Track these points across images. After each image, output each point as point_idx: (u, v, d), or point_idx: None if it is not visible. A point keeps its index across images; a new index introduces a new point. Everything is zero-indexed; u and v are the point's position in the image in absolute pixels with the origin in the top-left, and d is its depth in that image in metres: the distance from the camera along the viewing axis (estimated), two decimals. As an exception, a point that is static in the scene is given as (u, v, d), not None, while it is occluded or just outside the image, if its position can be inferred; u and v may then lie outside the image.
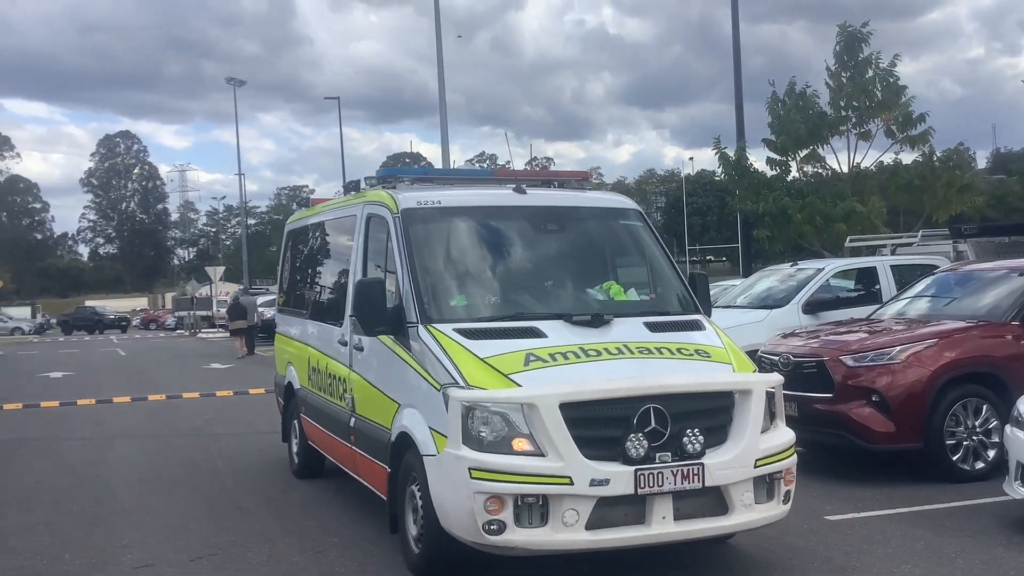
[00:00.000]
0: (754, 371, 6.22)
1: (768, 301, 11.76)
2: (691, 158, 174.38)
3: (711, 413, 5.70)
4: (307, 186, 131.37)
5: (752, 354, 10.61)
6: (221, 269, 52.83)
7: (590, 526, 5.30)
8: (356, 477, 7.48)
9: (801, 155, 18.16)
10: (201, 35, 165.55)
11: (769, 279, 12.62)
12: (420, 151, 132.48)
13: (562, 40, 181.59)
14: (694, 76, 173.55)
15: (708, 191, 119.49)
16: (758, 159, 18.80)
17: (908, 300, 10.21)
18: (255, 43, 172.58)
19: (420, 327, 6.06)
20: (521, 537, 5.26)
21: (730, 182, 18.77)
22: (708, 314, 6.87)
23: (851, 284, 12.40)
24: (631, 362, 5.81)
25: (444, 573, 5.96)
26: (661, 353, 5.95)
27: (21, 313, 71.12)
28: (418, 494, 5.87)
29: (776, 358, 9.28)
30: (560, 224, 7.12)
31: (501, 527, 5.24)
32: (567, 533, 5.27)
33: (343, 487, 8.39)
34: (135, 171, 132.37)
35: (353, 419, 7.26)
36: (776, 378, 6.27)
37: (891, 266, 11.95)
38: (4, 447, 12.25)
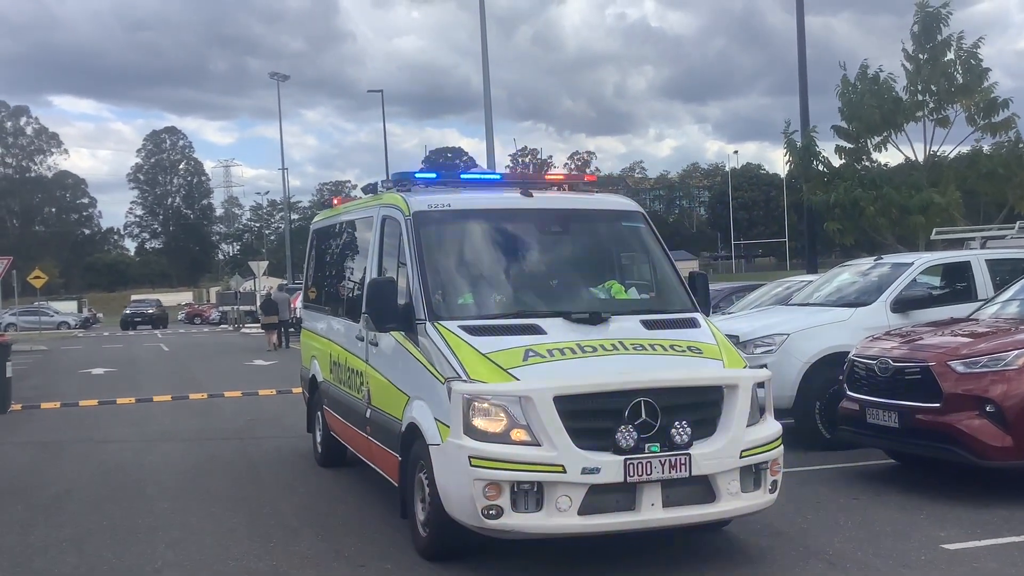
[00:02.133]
0: (744, 367, 6.44)
1: (850, 299, 10.80)
2: (735, 152, 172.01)
3: (699, 406, 6.00)
4: (349, 181, 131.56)
5: (837, 357, 9.86)
6: (265, 264, 52.60)
7: (582, 511, 5.62)
8: (372, 465, 7.92)
9: (873, 143, 17.09)
10: (246, 32, 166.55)
11: (848, 275, 11.64)
12: (461, 146, 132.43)
13: (604, 34, 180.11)
14: (737, 69, 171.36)
15: (754, 185, 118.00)
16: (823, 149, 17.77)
17: (1015, 298, 9.23)
18: (299, 39, 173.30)
19: (428, 324, 6.42)
20: (517, 521, 5.60)
21: (798, 172, 17.74)
22: (707, 313, 7.16)
23: (937, 281, 11.42)
24: (625, 358, 6.10)
25: (448, 555, 6.28)
26: (654, 349, 6.25)
27: (68, 307, 71.39)
28: (425, 481, 6.21)
29: (872, 363, 8.37)
30: (564, 226, 7.46)
31: (499, 512, 5.58)
32: (561, 518, 5.60)
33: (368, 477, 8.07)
34: (181, 167, 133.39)
35: (369, 411, 7.65)
36: (764, 373, 6.55)
37: (986, 260, 10.91)
38: (39, 450, 11.68)
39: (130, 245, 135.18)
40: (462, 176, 8.17)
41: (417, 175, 7.91)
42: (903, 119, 16.83)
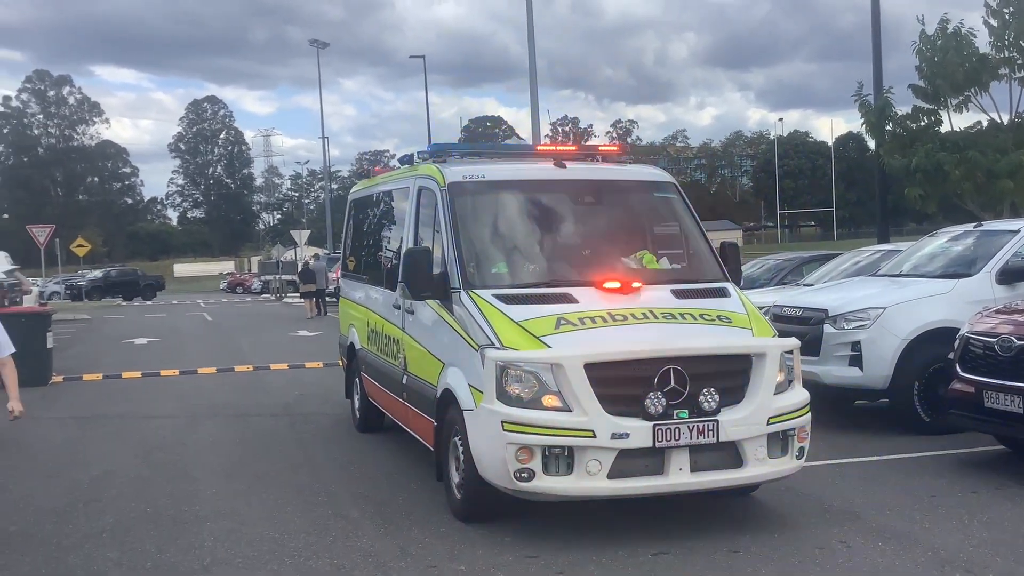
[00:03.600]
0: (773, 336, 6.53)
1: (949, 269, 9.87)
2: (780, 119, 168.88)
3: (727, 374, 6.12)
4: (388, 151, 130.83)
5: (938, 333, 8.99)
6: (306, 233, 52.28)
7: (612, 475, 5.78)
8: (409, 431, 8.07)
9: (953, 103, 16.00)
10: (285, 1, 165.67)
11: (943, 243, 10.70)
12: (500, 114, 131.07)
13: (644, 0, 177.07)
14: (781, 35, 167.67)
15: (800, 153, 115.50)
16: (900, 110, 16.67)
17: None
18: (338, 7, 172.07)
19: (462, 292, 6.57)
20: (548, 484, 5.77)
21: (873, 135, 16.69)
22: (737, 283, 7.26)
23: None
24: (654, 326, 6.24)
25: (482, 516, 6.43)
26: (684, 318, 6.37)
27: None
28: (459, 445, 6.37)
29: (992, 340, 7.49)
30: (597, 197, 7.59)
31: (531, 475, 5.75)
32: (590, 481, 5.76)
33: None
34: (221, 136, 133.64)
35: (405, 377, 7.83)
36: (792, 342, 6.59)
37: (1099, 228, 9.92)
38: (79, 426, 11.14)
39: (172, 215, 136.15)
40: (497, 147, 8.61)
41: (452, 146, 8.04)
42: (988, 77, 15.71)
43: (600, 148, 8.46)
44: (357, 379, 9.97)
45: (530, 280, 6.81)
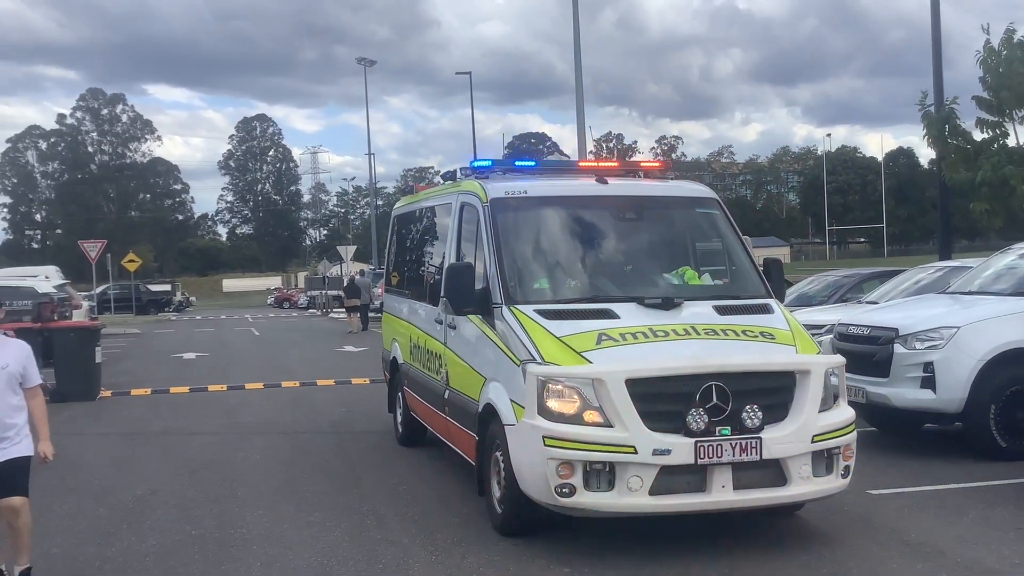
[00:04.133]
0: (818, 352, 6.47)
1: (1024, 287, 9.41)
2: (828, 135, 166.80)
3: (771, 391, 6.03)
4: (432, 167, 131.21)
5: (1017, 354, 8.50)
6: (353, 248, 52.33)
7: (653, 492, 5.71)
8: (450, 445, 8.10)
9: (1020, 115, 15.41)
10: (334, 21, 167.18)
11: (1015, 260, 10.19)
12: (544, 131, 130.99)
13: (689, 17, 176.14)
14: (829, 51, 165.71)
15: (849, 168, 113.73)
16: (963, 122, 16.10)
17: None
18: (385, 27, 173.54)
19: (504, 308, 6.57)
20: (589, 500, 5.72)
21: (936, 148, 16.12)
22: (781, 299, 7.16)
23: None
24: (696, 343, 6.18)
25: (523, 531, 6.39)
26: (726, 335, 6.30)
27: (162, 291, 72.41)
28: (501, 460, 6.35)
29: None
30: (639, 212, 7.54)
31: (572, 490, 5.71)
32: (632, 498, 5.69)
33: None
34: (270, 154, 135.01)
35: (447, 392, 7.82)
36: (838, 359, 6.57)
37: None
38: (126, 442, 11.02)
39: (222, 230, 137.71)
40: (539, 163, 8.40)
41: (494, 162, 8.05)
42: (1056, 89, 15.09)
43: (642, 164, 8.45)
44: (399, 393, 10.00)
45: (572, 296, 6.80)
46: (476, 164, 8.06)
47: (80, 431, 11.85)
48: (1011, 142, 15.52)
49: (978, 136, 15.78)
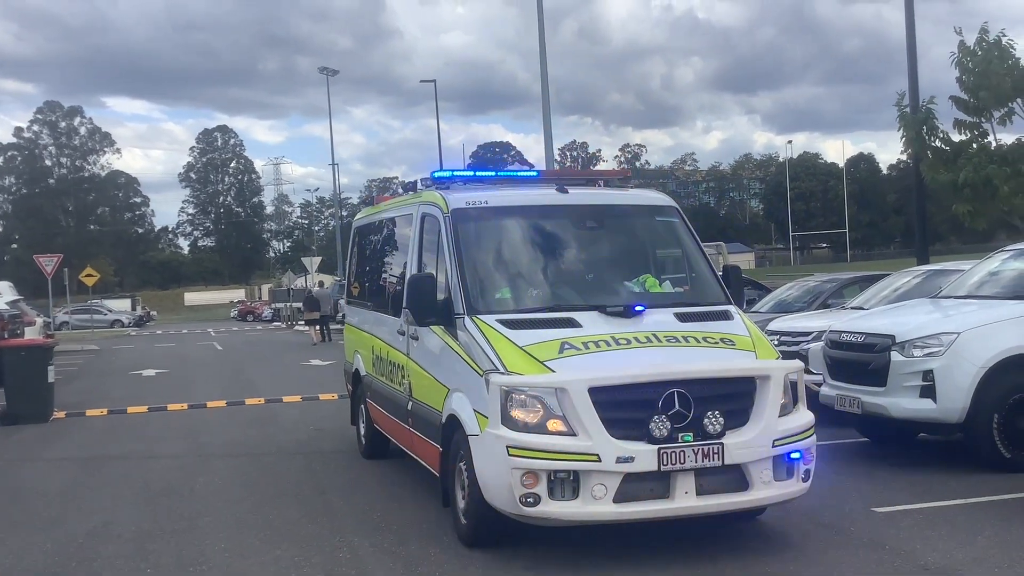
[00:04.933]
0: (777, 358, 6.51)
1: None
2: (790, 142, 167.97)
3: (732, 397, 6.05)
4: (396, 177, 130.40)
5: (1021, 360, 8.15)
6: (318, 260, 51.60)
7: (617, 499, 5.70)
8: (414, 456, 8.05)
9: (997, 116, 15.18)
10: (295, 31, 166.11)
11: (1009, 261, 9.87)
12: (508, 140, 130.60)
13: (650, 26, 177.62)
14: (787, 59, 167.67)
15: (812, 175, 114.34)
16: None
17: None
18: (347, 37, 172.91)
19: (466, 318, 6.53)
20: (554, 509, 5.72)
21: (914, 150, 15.85)
22: (740, 305, 7.24)
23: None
24: (658, 350, 6.21)
25: (488, 542, 6.36)
26: (687, 341, 6.34)
27: (121, 305, 71.10)
28: (465, 471, 6.32)
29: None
30: (599, 221, 7.57)
31: (536, 500, 5.71)
32: (596, 506, 5.69)
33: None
34: (231, 165, 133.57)
35: (410, 403, 7.80)
36: (797, 364, 6.52)
37: None
38: (79, 468, 10.34)
39: (183, 243, 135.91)
40: (499, 174, 8.47)
41: (455, 173, 8.02)
42: (1035, 87, 14.86)
43: (602, 173, 8.50)
44: (362, 406, 9.93)
45: (534, 305, 6.80)
46: (437, 175, 8.00)
47: (30, 456, 11.15)
48: (991, 142, 15.28)
49: (956, 137, 15.53)
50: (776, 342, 11.50)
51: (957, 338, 8.28)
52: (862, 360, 8.83)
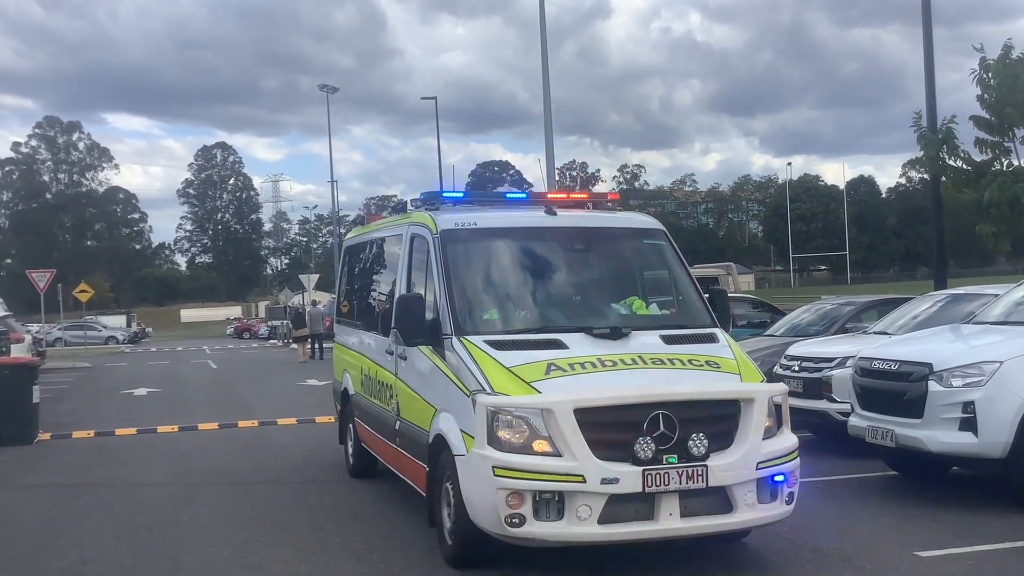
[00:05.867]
0: (761, 381, 6.55)
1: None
2: (789, 164, 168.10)
3: (716, 419, 6.08)
4: (395, 196, 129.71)
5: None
6: (315, 277, 51.08)
7: (602, 520, 5.70)
8: (401, 476, 8.05)
9: (1020, 134, 14.68)
10: (296, 50, 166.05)
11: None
12: (508, 159, 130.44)
13: (648, 48, 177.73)
14: (786, 82, 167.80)
15: (812, 197, 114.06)
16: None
17: None
18: (347, 57, 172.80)
19: (454, 338, 6.55)
20: (539, 529, 5.71)
21: (933, 169, 15.34)
22: (726, 328, 7.22)
23: None
24: (644, 372, 6.22)
25: (474, 562, 6.34)
26: (673, 364, 6.36)
27: (116, 322, 70.38)
28: (451, 491, 6.31)
29: None
30: (587, 243, 7.61)
31: (521, 520, 5.69)
32: (581, 527, 5.69)
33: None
34: (230, 182, 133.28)
35: (398, 422, 7.83)
36: (781, 387, 6.62)
37: None
38: (60, 496, 9.75)
39: (180, 260, 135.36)
40: (487, 195, 8.51)
41: (444, 194, 8.06)
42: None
43: (591, 195, 8.47)
44: (351, 424, 9.94)
45: (521, 326, 6.81)
46: (426, 195, 8.11)
47: (8, 482, 10.56)
48: (1014, 162, 14.77)
49: (977, 157, 15.03)
50: (797, 368, 11.00)
51: (1000, 367, 7.73)
52: (896, 390, 8.27)
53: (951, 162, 15.07)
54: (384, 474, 9.00)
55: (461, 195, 8.29)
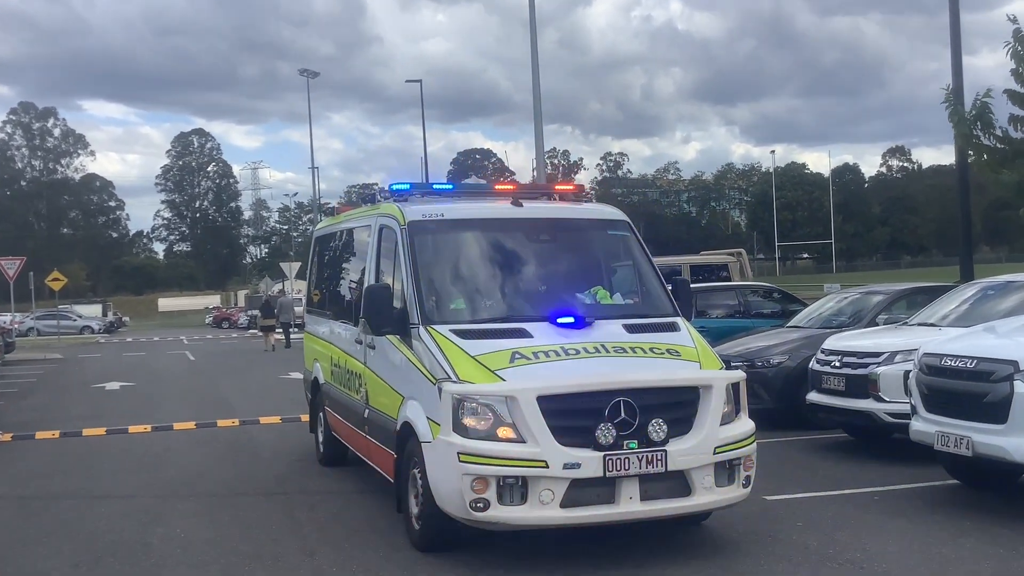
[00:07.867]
0: (720, 368, 6.69)
1: None
2: (773, 152, 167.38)
3: (675, 406, 6.28)
4: (376, 184, 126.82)
5: None
6: (296, 265, 49.70)
7: (564, 504, 5.90)
8: (370, 463, 8.16)
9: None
10: (275, 36, 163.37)
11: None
12: (489, 147, 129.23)
13: (630, 36, 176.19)
14: (767, 71, 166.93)
15: (797, 185, 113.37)
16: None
17: None
18: (327, 43, 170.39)
19: (421, 328, 6.72)
20: (503, 514, 5.88)
21: (966, 146, 14.34)
22: (688, 317, 7.39)
23: None
24: (606, 360, 6.40)
25: (440, 547, 6.51)
26: (634, 352, 6.55)
27: (92, 311, 68.72)
28: (418, 477, 6.50)
29: None
30: (552, 234, 7.75)
31: (486, 505, 5.86)
32: (543, 511, 5.88)
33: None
34: (209, 169, 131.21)
35: (367, 411, 7.96)
36: (738, 374, 6.80)
37: None
38: (13, 512, 8.59)
39: (158, 248, 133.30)
40: (455, 186, 8.72)
41: (436, 186, 8.36)
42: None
43: (556, 187, 8.60)
44: (321, 413, 10.06)
45: (487, 316, 6.95)
46: (395, 187, 8.15)
47: (-42, 494, 9.38)
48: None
49: (1013, 134, 14.03)
50: (838, 363, 9.93)
51: (1100, 366, 6.71)
52: (974, 391, 7.24)
53: (985, 141, 14.06)
54: (354, 461, 8.98)
55: (451, 187, 8.57)
